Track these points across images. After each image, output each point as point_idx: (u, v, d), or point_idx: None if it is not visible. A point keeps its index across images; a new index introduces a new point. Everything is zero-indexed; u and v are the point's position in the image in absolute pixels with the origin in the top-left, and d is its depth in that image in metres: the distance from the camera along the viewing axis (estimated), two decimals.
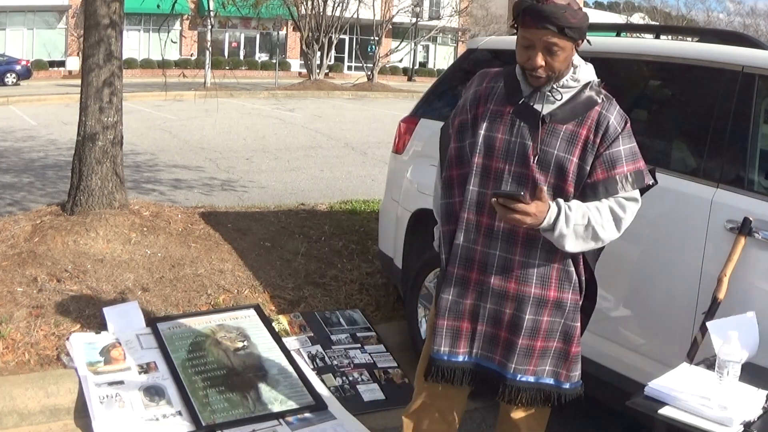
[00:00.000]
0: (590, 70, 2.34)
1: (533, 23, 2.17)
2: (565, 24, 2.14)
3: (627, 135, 2.26)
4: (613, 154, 2.23)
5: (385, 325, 4.23)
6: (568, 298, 2.32)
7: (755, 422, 1.96)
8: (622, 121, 2.27)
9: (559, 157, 2.24)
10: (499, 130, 2.30)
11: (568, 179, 2.24)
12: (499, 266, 2.31)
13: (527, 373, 2.34)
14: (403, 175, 4.14)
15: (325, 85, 26.53)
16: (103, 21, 4.69)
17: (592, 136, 2.23)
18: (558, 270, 2.30)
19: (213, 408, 3.25)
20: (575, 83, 2.28)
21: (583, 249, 2.27)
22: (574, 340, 2.36)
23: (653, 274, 2.81)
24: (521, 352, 2.32)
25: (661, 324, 2.80)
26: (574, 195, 2.26)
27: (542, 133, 2.25)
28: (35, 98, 19.48)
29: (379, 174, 9.10)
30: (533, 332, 2.31)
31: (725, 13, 49.63)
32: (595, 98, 2.28)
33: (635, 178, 2.25)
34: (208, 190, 8.15)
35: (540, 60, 2.20)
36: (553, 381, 2.38)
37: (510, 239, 2.29)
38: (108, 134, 4.78)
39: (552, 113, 2.26)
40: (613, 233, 2.26)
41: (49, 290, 3.92)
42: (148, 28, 34.27)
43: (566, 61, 2.23)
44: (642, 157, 2.29)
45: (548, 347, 2.35)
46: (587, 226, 2.20)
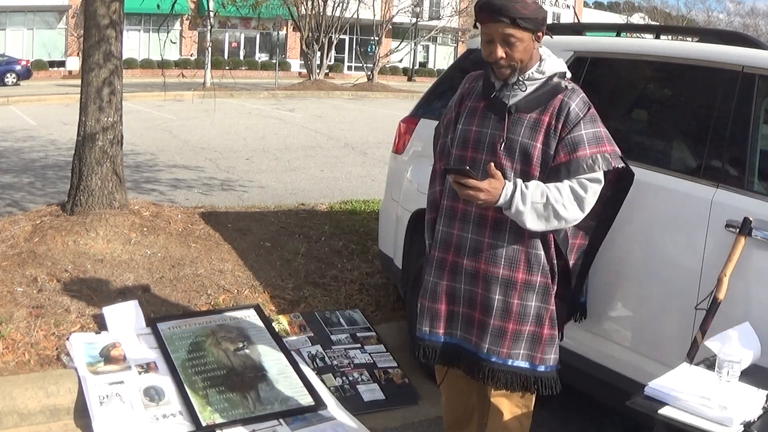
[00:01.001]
0: (557, 63, 2.50)
1: (488, 18, 2.36)
2: (517, 15, 2.32)
3: (589, 120, 2.39)
4: (575, 138, 2.37)
5: (385, 325, 4.23)
6: (536, 280, 2.44)
7: (755, 422, 1.96)
8: (584, 107, 2.41)
9: (523, 144, 2.40)
10: (473, 123, 2.50)
11: (533, 163, 2.39)
12: (471, 248, 2.47)
13: (501, 355, 2.45)
14: (403, 175, 4.14)
15: (325, 85, 26.54)
16: (103, 21, 4.69)
17: (554, 122, 2.39)
18: (526, 253, 2.43)
19: (213, 408, 3.26)
20: (540, 75, 2.45)
21: (547, 228, 2.38)
22: (546, 323, 2.47)
23: (653, 274, 2.81)
24: (493, 332, 2.44)
25: (661, 324, 2.80)
26: (541, 179, 2.39)
27: (508, 123, 2.43)
28: (35, 98, 19.49)
29: (379, 174, 9.11)
30: (504, 313, 2.43)
31: (725, 13, 49.65)
32: (560, 88, 2.43)
33: (597, 161, 2.36)
34: (208, 190, 8.15)
35: (500, 52, 2.38)
36: (528, 364, 2.47)
37: (480, 222, 2.46)
38: (108, 134, 4.79)
39: (518, 104, 2.44)
40: (576, 213, 2.37)
41: (49, 290, 3.92)
42: (148, 28, 34.28)
43: (526, 52, 2.40)
44: (612, 143, 2.41)
45: (521, 330, 2.45)
46: (546, 204, 2.33)
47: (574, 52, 3.35)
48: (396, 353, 3.95)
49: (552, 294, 2.48)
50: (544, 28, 2.41)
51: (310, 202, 6.88)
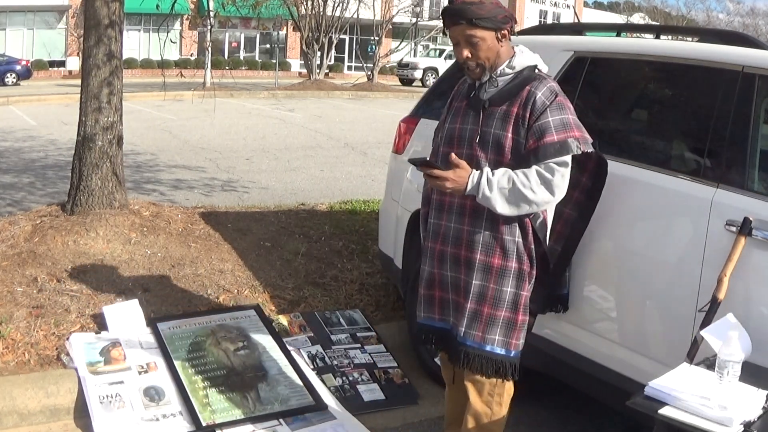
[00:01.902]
0: (529, 57, 2.61)
1: (449, 21, 2.54)
2: (473, 16, 2.47)
3: (556, 108, 2.50)
4: (542, 125, 2.48)
5: (385, 325, 4.23)
6: (511, 266, 2.54)
7: (755, 422, 1.96)
8: (551, 95, 2.51)
9: (495, 135, 2.54)
10: (457, 121, 2.67)
11: (504, 153, 2.52)
12: (454, 236, 2.62)
13: (476, 339, 2.56)
14: (403, 175, 4.14)
15: (325, 85, 26.52)
16: (103, 21, 4.69)
17: (521, 111, 2.50)
18: (501, 239, 2.54)
19: (213, 408, 3.26)
20: (511, 70, 2.58)
21: (519, 213, 2.49)
22: (520, 308, 2.57)
23: (653, 274, 2.81)
24: (469, 315, 2.56)
25: (661, 324, 2.80)
26: (514, 167, 2.49)
27: (483, 117, 2.58)
28: (35, 98, 19.48)
29: (379, 174, 9.10)
30: (480, 297, 2.55)
31: (725, 13, 49.64)
32: (529, 79, 2.55)
33: (565, 146, 2.46)
34: (208, 190, 8.15)
35: (466, 52, 2.54)
36: (504, 351, 2.57)
37: (461, 212, 2.61)
38: (108, 134, 4.79)
39: (491, 98, 2.58)
40: (545, 196, 2.47)
41: (49, 290, 3.92)
42: (148, 28, 34.27)
43: (492, 50, 2.54)
44: (581, 130, 2.50)
45: (496, 315, 2.55)
46: (513, 188, 2.45)
47: (574, 52, 3.35)
48: (396, 353, 3.95)
49: (527, 280, 2.58)
50: (507, 26, 2.54)
51: (310, 202, 6.88)
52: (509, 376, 2.59)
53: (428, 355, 3.86)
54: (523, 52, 2.62)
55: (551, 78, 2.61)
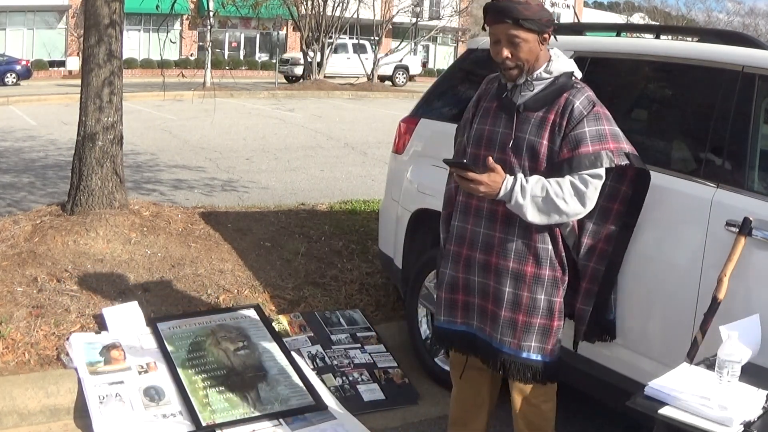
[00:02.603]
0: (566, 63, 2.57)
1: (493, 19, 2.47)
2: (520, 16, 2.40)
3: (593, 118, 2.45)
4: (578, 135, 2.43)
5: (385, 325, 4.23)
6: (545, 274, 2.52)
7: (755, 422, 1.96)
8: (589, 105, 2.47)
9: (530, 141, 2.48)
10: (486, 123, 2.60)
11: (539, 160, 2.47)
12: (484, 242, 2.58)
13: (512, 345, 2.55)
14: (403, 175, 4.14)
15: (325, 85, 26.50)
16: (104, 21, 4.69)
17: (558, 119, 2.46)
18: (534, 247, 2.51)
19: (213, 408, 3.26)
20: (548, 75, 2.52)
21: (549, 222, 2.46)
22: (555, 314, 2.55)
23: (653, 273, 2.81)
24: (504, 323, 2.54)
25: (661, 324, 2.80)
26: (547, 175, 2.45)
27: (517, 122, 2.52)
28: (35, 98, 19.47)
29: (379, 174, 9.10)
30: (515, 306, 2.52)
31: (725, 13, 49.60)
32: (566, 86, 2.50)
33: (599, 158, 2.42)
34: (208, 190, 8.15)
35: (506, 52, 2.47)
36: (540, 356, 2.56)
37: (492, 217, 2.57)
38: (108, 134, 4.79)
39: (526, 103, 2.52)
40: (576, 207, 2.44)
41: (49, 290, 3.92)
42: (148, 28, 34.26)
43: (532, 53, 2.48)
44: (618, 141, 2.46)
45: (531, 323, 2.53)
46: (546, 198, 2.41)
47: (574, 51, 3.34)
48: (396, 353, 3.95)
49: (561, 287, 2.56)
50: (550, 30, 2.49)
51: (310, 202, 6.87)
52: (547, 381, 2.59)
53: (428, 355, 3.86)
54: (558, 56, 2.56)
55: (587, 86, 2.55)
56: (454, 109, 4.07)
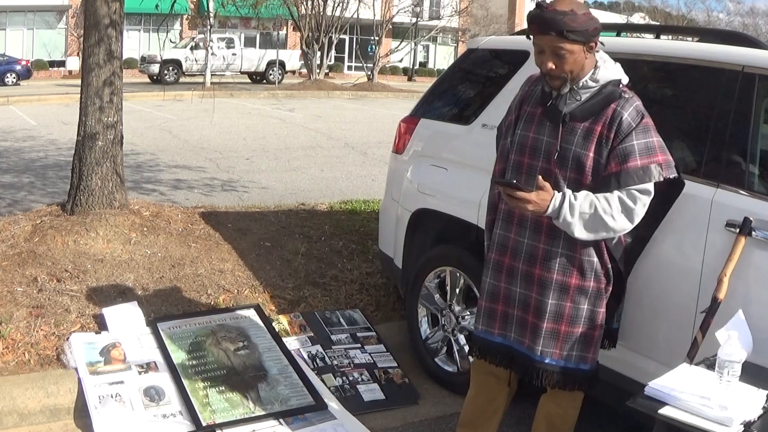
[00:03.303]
0: (614, 70, 2.49)
1: (538, 30, 2.39)
2: (566, 28, 2.32)
3: (642, 131, 2.39)
4: (626, 148, 2.37)
5: (385, 325, 4.22)
6: (589, 285, 2.49)
7: (755, 422, 1.96)
8: (637, 117, 2.40)
9: (576, 153, 2.42)
10: (531, 129, 2.54)
11: (585, 173, 2.42)
12: (527, 253, 2.53)
13: (554, 356, 2.52)
14: (403, 175, 4.14)
15: (325, 85, 26.51)
16: (104, 21, 4.69)
17: (606, 131, 2.39)
18: (579, 259, 2.47)
19: (213, 408, 3.26)
20: (594, 83, 2.44)
21: (596, 237, 2.41)
22: (597, 324, 2.52)
23: (653, 273, 2.81)
24: (546, 335, 2.50)
25: (661, 324, 2.80)
26: (593, 188, 2.40)
27: (563, 132, 2.43)
28: (35, 98, 19.47)
29: (379, 174, 9.10)
30: (557, 316, 2.49)
31: (725, 13, 49.60)
32: (613, 96, 2.42)
33: (648, 172, 2.36)
34: (208, 190, 8.15)
35: (550, 63, 2.39)
36: (582, 365, 2.53)
37: (536, 229, 2.51)
38: (108, 134, 4.79)
39: (572, 112, 2.45)
40: (624, 224, 2.39)
41: (49, 290, 3.92)
42: (148, 28, 34.26)
43: (577, 63, 2.40)
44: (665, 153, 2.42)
45: (573, 332, 2.50)
46: (594, 215, 2.36)
47: None
48: (396, 353, 3.95)
49: (604, 297, 2.54)
50: (597, 38, 2.41)
51: (310, 202, 6.87)
52: (586, 388, 2.59)
53: (428, 355, 3.86)
54: (605, 62, 2.49)
55: (635, 94, 2.48)
56: (454, 109, 4.07)
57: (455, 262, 3.66)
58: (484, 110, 3.66)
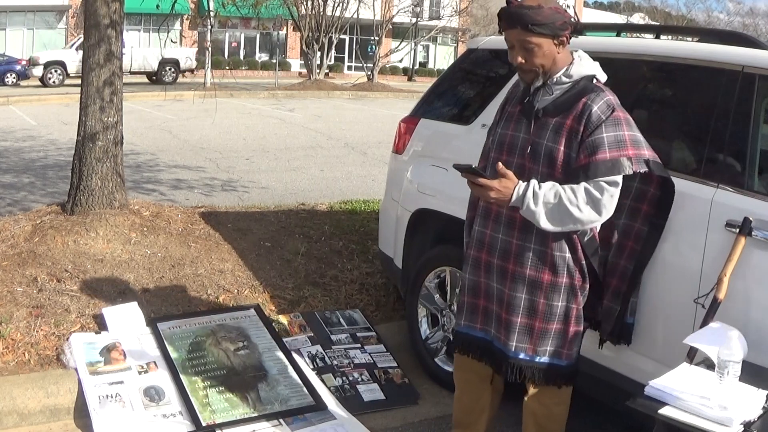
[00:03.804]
0: (588, 66, 2.51)
1: (506, 25, 2.45)
2: (530, 21, 2.37)
3: (612, 123, 2.40)
4: (595, 141, 2.38)
5: (385, 325, 4.23)
6: (562, 281, 2.49)
7: (755, 422, 1.96)
8: (608, 110, 2.41)
9: (548, 147, 2.45)
10: (510, 127, 2.58)
11: (557, 167, 2.44)
12: (502, 248, 2.56)
13: (528, 352, 2.53)
14: (403, 175, 4.14)
15: (325, 85, 26.51)
16: (104, 21, 4.69)
17: (576, 124, 2.41)
18: (552, 255, 2.48)
19: (213, 408, 3.26)
20: (568, 79, 2.47)
21: (563, 229, 2.42)
22: (572, 321, 2.53)
23: (653, 273, 2.81)
24: (520, 330, 2.52)
25: (661, 324, 2.80)
26: (564, 181, 2.41)
27: (535, 127, 2.47)
28: (35, 98, 19.47)
29: (379, 174, 9.10)
30: (531, 312, 2.50)
31: (725, 13, 49.63)
32: (586, 91, 2.44)
33: (616, 165, 2.37)
34: (208, 190, 8.15)
35: (519, 57, 2.45)
36: (556, 360, 2.54)
37: (510, 224, 2.54)
38: (108, 134, 4.79)
39: (545, 108, 2.49)
40: (591, 215, 2.39)
41: (49, 290, 3.92)
42: (148, 28, 34.25)
43: (547, 57, 2.43)
44: (638, 147, 2.42)
45: (548, 329, 2.51)
46: (559, 204, 2.37)
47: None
48: (396, 353, 3.95)
49: (579, 293, 2.54)
50: (566, 32, 2.43)
51: (310, 202, 6.87)
52: (562, 385, 2.58)
53: (428, 355, 3.86)
54: (581, 59, 2.51)
55: (609, 89, 2.49)
56: (454, 109, 4.07)
57: (455, 262, 3.66)
58: (484, 110, 3.66)
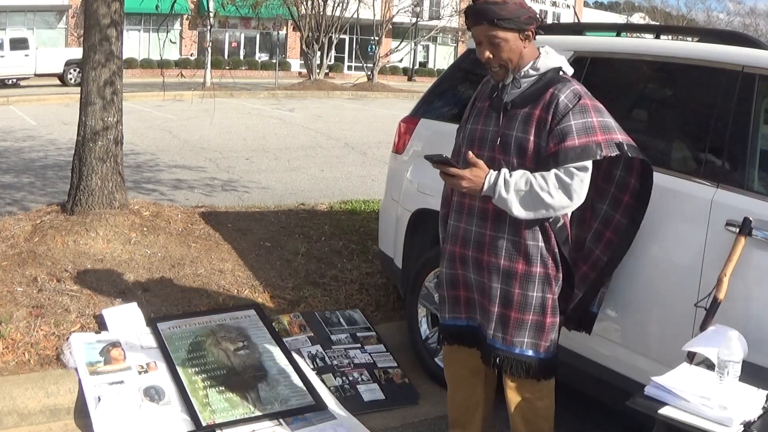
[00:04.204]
0: (555, 59, 2.55)
1: (472, 22, 2.50)
2: (495, 17, 2.42)
3: (579, 111, 2.43)
4: (564, 129, 2.41)
5: (385, 325, 4.23)
6: (536, 271, 2.52)
7: (755, 422, 1.96)
8: (574, 99, 2.44)
9: (518, 138, 2.48)
10: (479, 122, 2.63)
11: (528, 157, 2.47)
12: (476, 240, 2.60)
13: (505, 342, 2.56)
14: (403, 175, 4.14)
15: (325, 85, 26.52)
16: (104, 21, 4.69)
17: (544, 114, 2.45)
18: (525, 244, 2.51)
19: (213, 408, 3.26)
20: (535, 72, 2.52)
21: (535, 215, 2.45)
22: (548, 311, 2.54)
23: (653, 273, 2.81)
24: (497, 319, 2.55)
25: (661, 324, 2.80)
26: (535, 171, 2.44)
27: (504, 119, 2.53)
28: (35, 98, 19.47)
29: (379, 174, 9.10)
30: (506, 302, 2.53)
31: (725, 13, 49.63)
32: (553, 81, 2.49)
33: (586, 150, 2.40)
34: (208, 190, 8.15)
35: (487, 53, 2.49)
36: (533, 352, 2.56)
37: (483, 216, 2.57)
38: (108, 134, 4.79)
39: (513, 100, 2.53)
40: (562, 200, 2.41)
41: (49, 290, 3.92)
42: (148, 28, 34.27)
43: (514, 52, 2.48)
44: (608, 132, 2.43)
45: (524, 319, 2.53)
46: (530, 191, 2.40)
47: (574, 52, 3.35)
48: (396, 353, 3.95)
49: (553, 283, 2.56)
50: (532, 27, 2.48)
51: (310, 202, 6.88)
52: (541, 377, 2.59)
53: (428, 355, 3.86)
54: (548, 53, 2.56)
55: (576, 80, 2.54)
56: (454, 109, 4.07)
57: None
58: None
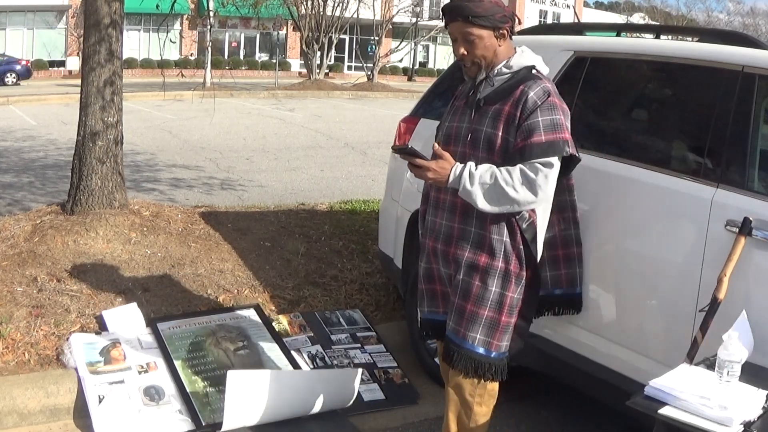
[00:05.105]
0: (529, 57, 2.59)
1: (449, 19, 2.55)
2: (470, 14, 2.47)
3: (547, 108, 2.46)
4: (531, 125, 2.45)
5: (385, 325, 4.23)
6: (497, 265, 2.52)
7: (755, 422, 1.96)
8: (543, 96, 2.48)
9: (487, 133, 2.52)
10: (455, 120, 2.67)
11: (495, 152, 2.50)
12: (445, 233, 2.63)
13: (459, 335, 2.56)
14: (403, 174, 4.14)
15: (325, 85, 26.53)
16: (104, 20, 4.69)
17: (513, 110, 2.48)
18: (490, 238, 2.52)
19: (213, 407, 3.26)
20: (508, 70, 2.56)
21: (500, 210, 2.47)
22: (505, 309, 2.54)
23: (653, 273, 2.81)
24: (455, 311, 2.57)
25: (661, 324, 2.80)
26: (502, 165, 2.48)
27: (476, 116, 2.57)
28: (35, 98, 19.48)
29: (379, 174, 9.11)
30: (465, 294, 2.55)
31: (725, 13, 49.63)
32: (524, 79, 2.52)
33: (552, 146, 2.43)
34: (208, 190, 8.15)
35: (462, 49, 2.54)
36: (484, 350, 2.55)
37: (452, 209, 2.61)
38: (108, 134, 4.79)
39: (486, 97, 2.57)
40: (527, 195, 2.43)
41: (49, 290, 3.92)
42: (148, 28, 34.27)
43: (488, 49, 2.53)
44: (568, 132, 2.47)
45: (478, 313, 2.53)
46: (495, 184, 2.42)
47: (574, 51, 3.35)
48: (396, 353, 3.95)
49: (513, 281, 2.54)
50: (507, 25, 2.53)
51: (310, 202, 6.88)
52: (488, 377, 2.56)
53: (428, 355, 3.86)
54: (523, 52, 2.60)
55: (548, 79, 2.58)
56: None
57: None
58: None
